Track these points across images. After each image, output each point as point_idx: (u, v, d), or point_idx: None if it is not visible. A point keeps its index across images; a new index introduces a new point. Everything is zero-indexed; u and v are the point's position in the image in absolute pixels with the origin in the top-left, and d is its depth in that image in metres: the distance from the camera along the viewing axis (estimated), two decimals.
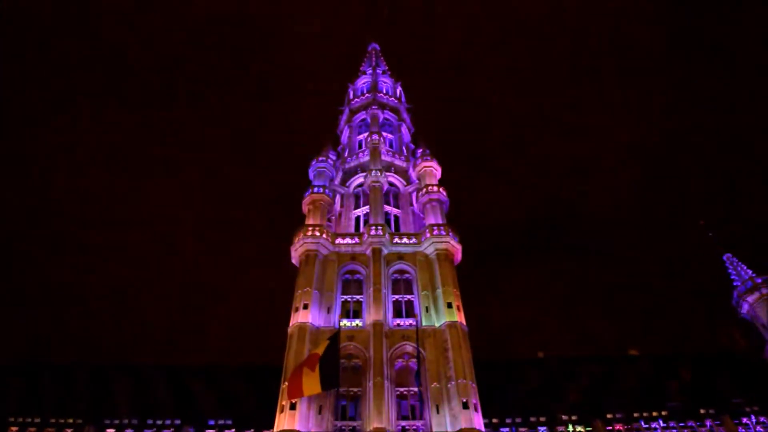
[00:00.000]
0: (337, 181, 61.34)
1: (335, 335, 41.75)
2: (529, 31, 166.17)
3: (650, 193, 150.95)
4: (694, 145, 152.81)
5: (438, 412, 39.72)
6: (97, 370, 51.96)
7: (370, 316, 45.28)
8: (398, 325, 45.52)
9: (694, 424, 43.09)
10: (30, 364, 53.15)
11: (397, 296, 48.16)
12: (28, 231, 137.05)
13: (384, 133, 66.85)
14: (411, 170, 62.18)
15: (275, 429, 38.96)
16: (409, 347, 43.43)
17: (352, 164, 63.29)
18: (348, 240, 51.87)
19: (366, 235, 50.84)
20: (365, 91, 74.87)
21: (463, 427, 37.84)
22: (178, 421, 43.46)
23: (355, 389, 41.76)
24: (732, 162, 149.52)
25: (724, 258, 65.44)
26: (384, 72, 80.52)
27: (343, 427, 39.60)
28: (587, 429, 42.82)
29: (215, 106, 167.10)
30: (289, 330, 44.38)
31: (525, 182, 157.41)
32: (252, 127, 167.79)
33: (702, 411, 44.61)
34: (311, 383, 38.40)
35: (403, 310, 47.25)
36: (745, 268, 63.06)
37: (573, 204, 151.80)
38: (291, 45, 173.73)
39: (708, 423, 43.01)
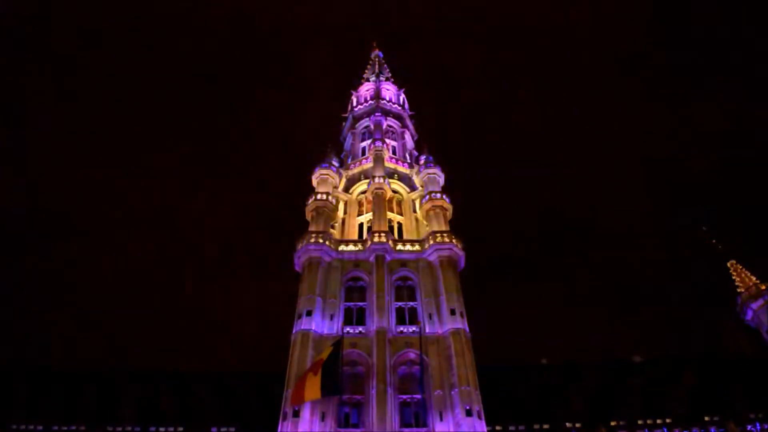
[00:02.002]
0: (340, 188, 61.38)
1: (338, 342, 41.80)
2: (532, 37, 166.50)
3: (654, 200, 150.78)
4: (697, 151, 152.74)
5: (441, 419, 39.66)
6: (100, 376, 51.97)
7: (373, 323, 45.29)
8: (401, 332, 45.54)
9: (698, 431, 42.94)
10: (33, 371, 53.18)
11: (400, 303, 48.15)
12: (29, 237, 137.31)
13: (387, 140, 66.99)
14: (414, 177, 62.23)
15: None
16: (413, 354, 43.40)
17: (356, 171, 63.38)
18: (351, 247, 51.93)
19: (369, 242, 50.89)
20: (368, 99, 75.00)
21: None
22: (181, 428, 43.48)
23: (359, 396, 41.77)
24: (736, 168, 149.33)
25: (728, 264, 65.36)
26: (387, 79, 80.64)
27: None
28: None
29: (219, 112, 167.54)
30: (292, 337, 44.43)
31: (529, 190, 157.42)
32: (255, 133, 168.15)
33: (706, 417, 44.50)
34: (313, 389, 38.47)
35: (407, 316, 47.25)
36: (749, 274, 63.01)
37: (577, 212, 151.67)
38: (294, 52, 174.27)
39: (712, 430, 42.89)
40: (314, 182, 60.41)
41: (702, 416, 45.04)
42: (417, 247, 51.64)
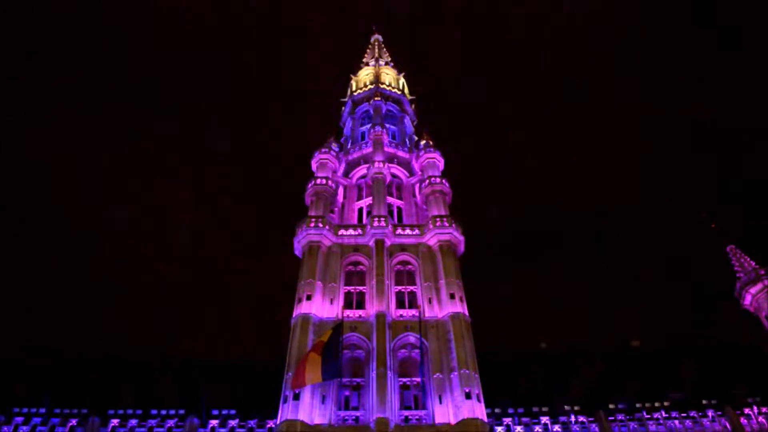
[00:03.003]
0: (339, 173, 61.45)
1: (338, 326, 42.05)
2: (534, 23, 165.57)
3: (652, 185, 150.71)
4: (695, 135, 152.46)
5: (441, 402, 39.90)
6: (101, 362, 52.18)
7: (373, 307, 45.46)
8: (401, 316, 45.74)
9: (696, 415, 43.11)
10: (35, 357, 53.39)
11: (400, 287, 48.35)
12: (29, 224, 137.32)
13: (387, 125, 66.92)
14: (414, 162, 62.25)
15: (278, 419, 39.24)
16: (412, 338, 43.65)
17: (355, 155, 63.39)
18: (351, 231, 52.03)
19: (369, 227, 50.98)
20: (368, 83, 74.90)
21: (465, 417, 38.05)
22: (182, 411, 43.65)
23: (359, 379, 42.12)
24: (735, 152, 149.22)
25: (727, 249, 65.30)
26: (387, 63, 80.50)
27: (347, 417, 39.80)
28: (590, 419, 42.89)
29: (217, 97, 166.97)
30: (293, 321, 44.66)
31: (528, 176, 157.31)
32: (254, 117, 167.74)
33: (704, 402, 44.69)
34: (313, 373, 38.69)
35: (406, 301, 47.47)
36: (748, 259, 62.90)
37: (575, 198, 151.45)
38: (294, 36, 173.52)
39: (710, 413, 43.04)
40: (314, 167, 60.46)
41: (700, 400, 45.21)
42: (417, 232, 51.75)
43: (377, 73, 75.99)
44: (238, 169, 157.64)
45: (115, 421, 42.41)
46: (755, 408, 43.45)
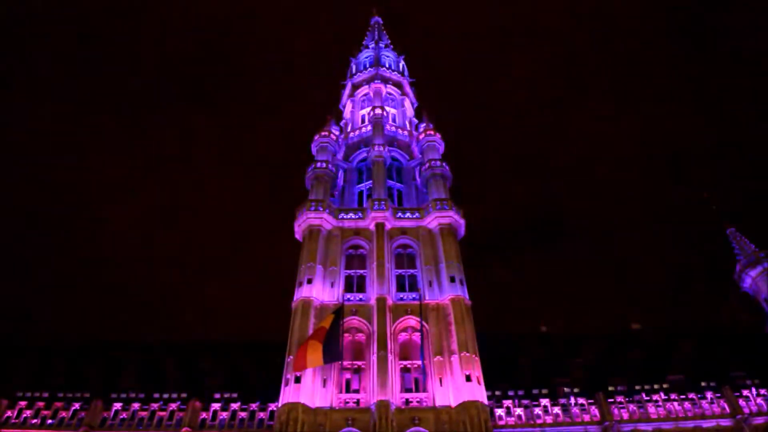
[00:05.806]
0: (339, 156, 61.42)
1: (339, 309, 42.19)
2: (534, 16, 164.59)
3: (652, 168, 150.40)
4: (696, 119, 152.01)
5: (441, 384, 40.16)
6: (104, 346, 52.38)
7: (373, 290, 45.62)
8: (402, 299, 45.96)
9: (695, 397, 43.32)
10: (39, 342, 53.59)
11: (400, 271, 48.54)
12: (30, 209, 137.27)
13: (387, 108, 66.73)
14: (414, 145, 62.19)
15: (280, 402, 39.49)
16: (413, 321, 43.81)
17: (355, 139, 63.35)
18: (351, 215, 52.10)
19: (369, 210, 51.06)
20: (368, 65, 74.62)
21: (466, 399, 38.33)
22: (184, 395, 43.84)
23: (360, 362, 42.31)
24: (736, 135, 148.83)
25: (728, 232, 65.37)
26: (387, 46, 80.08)
27: (348, 400, 40.10)
28: (589, 402, 43.10)
29: (218, 81, 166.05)
30: (294, 305, 44.82)
31: (529, 159, 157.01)
32: (254, 100, 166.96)
33: (703, 384, 44.90)
34: (314, 356, 38.92)
35: (407, 284, 47.69)
36: (747, 242, 63.04)
37: (576, 182, 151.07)
38: (293, 19, 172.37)
39: (709, 395, 43.23)
40: (314, 150, 60.49)
41: (699, 382, 45.41)
42: (417, 215, 51.88)
43: (377, 56, 75.62)
44: (239, 150, 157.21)
45: (117, 405, 42.52)
46: (753, 390, 43.62)
